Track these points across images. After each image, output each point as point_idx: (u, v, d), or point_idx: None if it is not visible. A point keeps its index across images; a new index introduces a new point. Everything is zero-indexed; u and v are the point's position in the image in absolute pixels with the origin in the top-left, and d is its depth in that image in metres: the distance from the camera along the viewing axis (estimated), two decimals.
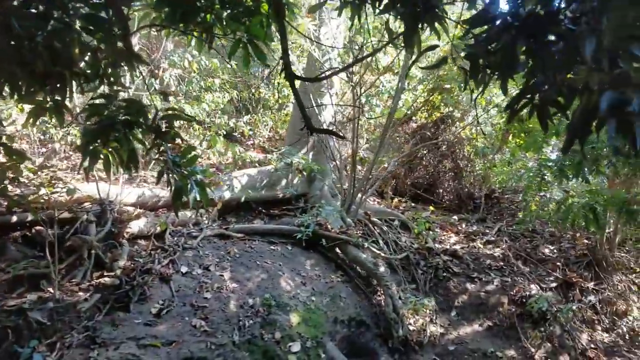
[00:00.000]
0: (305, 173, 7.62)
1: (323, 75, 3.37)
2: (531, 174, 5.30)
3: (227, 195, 6.73)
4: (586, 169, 4.73)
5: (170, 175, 3.07)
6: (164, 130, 3.15)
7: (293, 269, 6.31)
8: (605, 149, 4.30)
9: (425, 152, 10.66)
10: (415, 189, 10.88)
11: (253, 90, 9.90)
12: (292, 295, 5.76)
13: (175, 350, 4.06)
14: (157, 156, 3.15)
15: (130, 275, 4.61)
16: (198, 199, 3.12)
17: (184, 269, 5.17)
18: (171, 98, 7.54)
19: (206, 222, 6.44)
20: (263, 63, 3.75)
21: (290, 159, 7.39)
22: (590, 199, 5.09)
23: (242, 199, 6.79)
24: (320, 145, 8.11)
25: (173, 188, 3.13)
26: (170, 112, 3.31)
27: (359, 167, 8.16)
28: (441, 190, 10.66)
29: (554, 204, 6.50)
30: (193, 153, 3.32)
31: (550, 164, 4.98)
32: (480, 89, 2.52)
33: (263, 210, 7.48)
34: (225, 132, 7.55)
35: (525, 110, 2.31)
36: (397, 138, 10.75)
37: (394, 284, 7.02)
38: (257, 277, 5.71)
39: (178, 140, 3.20)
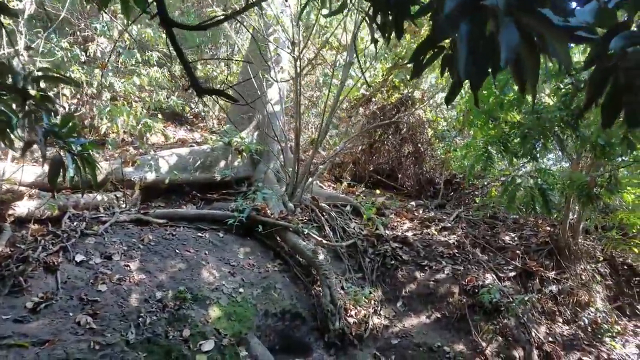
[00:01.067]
0: (246, 154, 7.00)
1: (208, 23, 2.75)
2: (478, 153, 4.77)
3: (150, 176, 6.07)
4: (534, 146, 4.21)
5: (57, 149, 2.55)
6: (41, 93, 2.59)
7: (221, 258, 5.71)
8: (555, 118, 3.78)
9: (386, 135, 10.14)
10: (376, 175, 10.37)
11: (200, 67, 9.20)
12: (215, 287, 5.17)
13: (47, 352, 3.44)
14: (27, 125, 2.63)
15: (2, 264, 3.96)
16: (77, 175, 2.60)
17: (79, 258, 4.53)
18: (98, 71, 6.82)
19: (124, 206, 5.79)
20: (142, 10, 3.12)
21: (229, 139, 6.76)
22: (540, 179, 4.59)
23: (167, 181, 6.14)
24: (266, 125, 7.49)
25: (50, 163, 2.61)
26: (42, 73, 2.78)
27: (311, 152, 7.58)
28: (402, 176, 10.17)
29: (500, 185, 6.02)
30: (72, 122, 2.79)
31: (494, 140, 4.46)
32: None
33: (198, 195, 6.85)
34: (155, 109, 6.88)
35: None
36: (358, 121, 10.20)
37: (338, 273, 6.49)
38: (173, 267, 5.10)
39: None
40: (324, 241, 6.61)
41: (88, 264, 4.55)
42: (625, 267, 8.38)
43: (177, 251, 5.36)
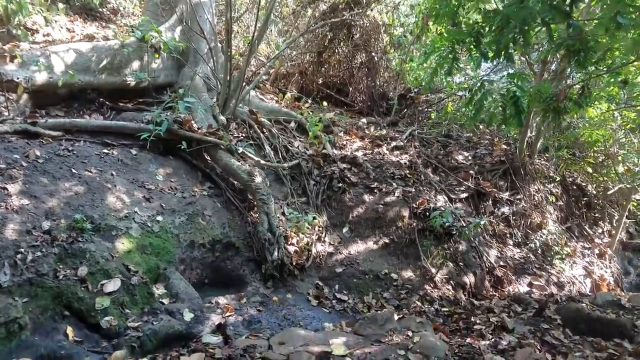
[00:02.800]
0: (164, 53, 5.73)
1: None
2: (442, 54, 3.90)
3: (40, 77, 4.74)
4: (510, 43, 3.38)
5: None
6: None
7: (134, 180, 4.70)
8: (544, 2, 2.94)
9: (337, 42, 8.99)
10: (325, 88, 9.34)
11: None
12: (124, 215, 4.23)
13: None
14: None
15: None
16: None
17: None
18: None
19: (6, 113, 4.52)
20: None
21: (143, 33, 5.43)
22: (511, 86, 3.85)
23: (60, 83, 4.84)
24: (191, 18, 6.13)
25: None
26: None
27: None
28: (353, 90, 9.23)
29: (466, 95, 5.31)
30: None
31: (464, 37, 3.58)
32: None
33: (107, 103, 5.60)
34: None
35: None
36: (305, 23, 8.91)
37: (278, 197, 5.72)
38: (68, 191, 4.06)
39: None
40: (263, 162, 5.73)
41: None
42: (575, 187, 8.25)
43: (75, 171, 4.29)
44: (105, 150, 4.79)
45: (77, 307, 3.33)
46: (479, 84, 3.94)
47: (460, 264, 5.69)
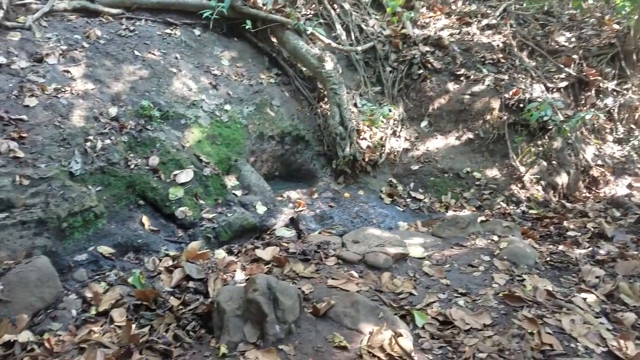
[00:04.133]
0: None
1: None
2: None
3: None
4: None
5: None
6: None
7: (199, 64, 4.38)
8: None
9: None
10: None
11: None
12: (192, 102, 4.00)
13: None
14: None
15: None
16: None
17: None
18: None
19: None
20: None
21: None
22: None
23: None
24: None
25: None
26: None
27: None
28: None
29: None
30: None
31: None
32: None
33: None
34: None
35: None
36: None
37: (350, 86, 5.23)
38: (133, 75, 3.84)
39: None
40: (334, 44, 5.14)
41: (10, 69, 3.30)
42: None
43: (138, 53, 4.03)
44: (168, 31, 4.43)
45: (151, 197, 3.29)
46: None
47: (554, 162, 5.08)
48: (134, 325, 2.15)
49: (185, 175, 3.49)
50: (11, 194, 2.65)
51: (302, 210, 3.93)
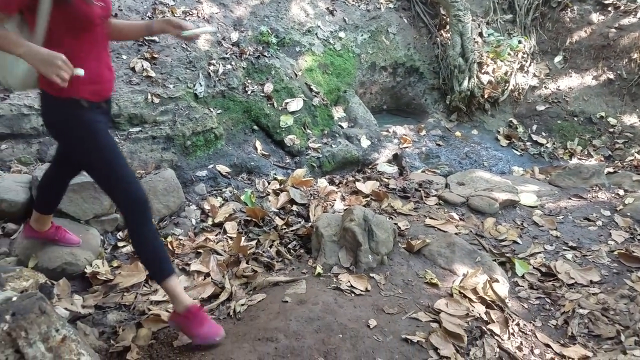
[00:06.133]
0: None
1: None
2: None
3: None
4: None
5: None
6: None
7: None
8: None
9: None
10: None
11: None
12: (307, 29, 4.01)
13: None
14: None
15: None
16: None
17: None
18: None
19: None
20: None
21: None
22: None
23: None
24: None
25: None
26: None
27: None
28: None
29: None
30: None
31: None
32: None
33: None
34: None
35: None
36: None
37: (478, 13, 4.77)
38: None
39: None
40: None
41: None
42: None
43: None
44: None
45: (265, 123, 3.47)
46: None
47: None
48: (243, 238, 2.39)
49: (296, 104, 3.60)
50: (144, 110, 2.97)
51: (407, 147, 3.86)
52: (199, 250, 2.30)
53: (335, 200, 2.87)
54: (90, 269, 1.99)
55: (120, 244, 2.30)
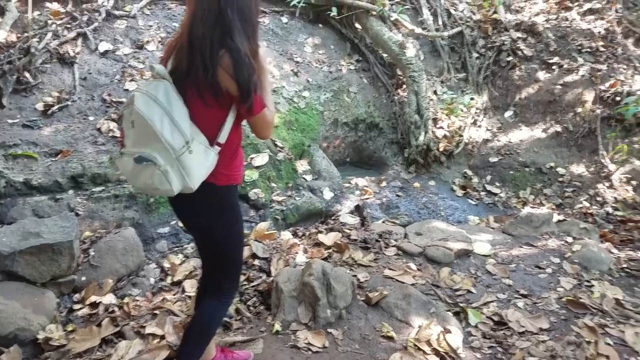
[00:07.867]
0: None
1: None
2: None
3: None
4: None
5: None
6: None
7: (283, 52, 4.57)
8: None
9: None
10: None
11: None
12: (273, 89, 4.20)
13: (60, 164, 2.90)
14: None
15: (4, 54, 3.21)
16: None
17: (102, 47, 3.67)
18: None
19: None
20: None
21: None
22: None
23: None
24: None
25: None
26: None
27: None
28: None
29: None
30: None
31: None
32: None
33: None
34: None
35: None
36: None
37: (432, 73, 5.12)
38: None
39: None
40: (418, 30, 5.04)
41: (114, 55, 3.71)
42: None
43: None
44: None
45: None
46: None
47: None
48: None
49: (261, 159, 3.72)
50: (108, 170, 3.01)
51: (368, 198, 4.01)
52: (155, 312, 2.29)
53: (297, 253, 2.94)
54: (43, 334, 1.97)
55: (76, 306, 2.28)
